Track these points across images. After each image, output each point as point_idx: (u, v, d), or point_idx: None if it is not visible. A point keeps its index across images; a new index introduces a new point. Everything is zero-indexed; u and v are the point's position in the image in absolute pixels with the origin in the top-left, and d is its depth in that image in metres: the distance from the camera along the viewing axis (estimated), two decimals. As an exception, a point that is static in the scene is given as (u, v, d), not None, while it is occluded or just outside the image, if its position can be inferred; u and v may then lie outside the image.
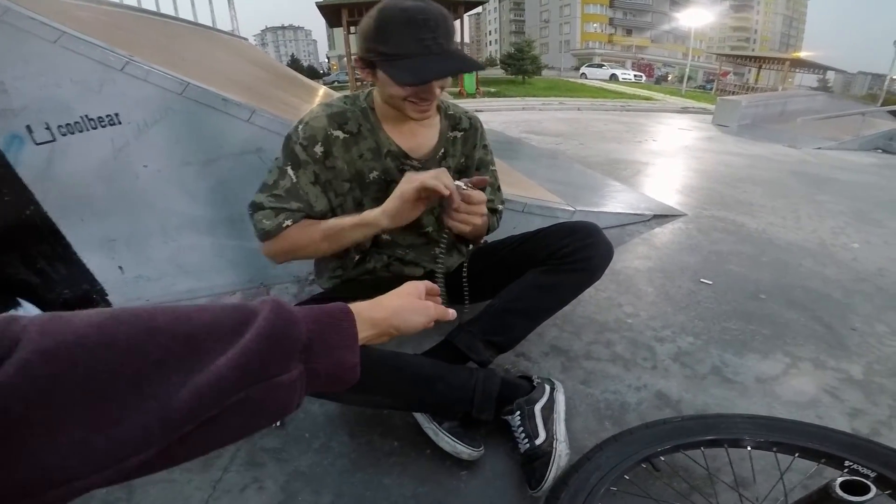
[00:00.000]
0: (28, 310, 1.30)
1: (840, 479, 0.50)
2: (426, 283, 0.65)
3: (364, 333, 0.52)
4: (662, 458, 0.78)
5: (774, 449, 0.77)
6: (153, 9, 2.39)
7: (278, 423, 0.98)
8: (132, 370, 0.30)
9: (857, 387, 1.12)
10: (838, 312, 1.45)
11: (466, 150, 1.03)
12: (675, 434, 0.78)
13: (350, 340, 0.46)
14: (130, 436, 0.29)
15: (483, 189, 0.83)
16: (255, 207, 0.91)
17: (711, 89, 22.59)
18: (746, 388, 1.10)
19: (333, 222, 0.88)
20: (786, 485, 0.73)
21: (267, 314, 0.38)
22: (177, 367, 0.32)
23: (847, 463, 0.72)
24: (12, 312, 1.26)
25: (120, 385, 0.29)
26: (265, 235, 0.90)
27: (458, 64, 0.80)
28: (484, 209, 0.83)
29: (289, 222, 0.88)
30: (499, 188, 1.13)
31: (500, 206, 1.11)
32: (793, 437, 0.77)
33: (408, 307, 0.60)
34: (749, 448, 0.78)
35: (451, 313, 0.64)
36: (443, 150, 0.99)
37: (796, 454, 0.76)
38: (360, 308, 0.52)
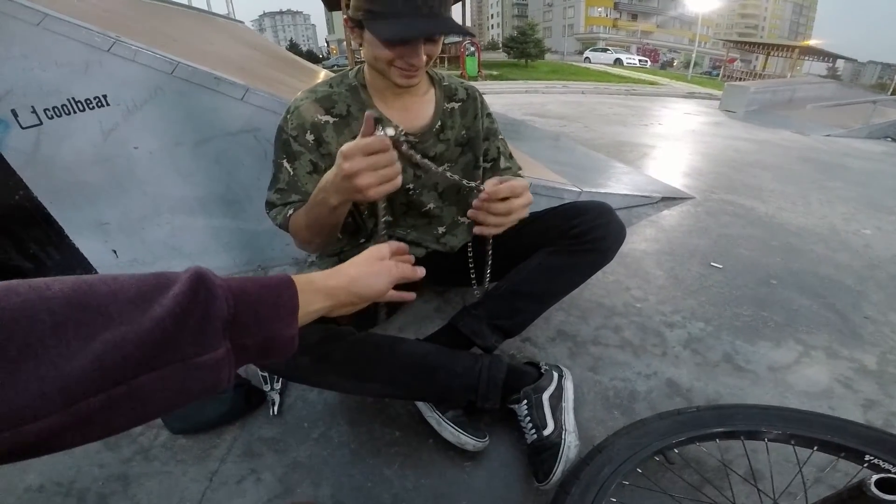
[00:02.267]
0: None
1: (875, 477, 0.47)
2: (390, 244, 0.62)
3: (317, 305, 0.49)
4: (676, 451, 0.75)
5: (792, 441, 0.74)
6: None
7: (273, 411, 0.96)
8: (23, 335, 0.29)
9: (870, 377, 1.09)
10: (851, 300, 1.41)
11: (467, 121, 0.98)
12: (689, 425, 0.75)
13: (286, 312, 0.44)
14: (25, 401, 0.28)
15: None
16: (269, 206, 0.90)
17: (717, 75, 22.21)
18: (758, 376, 1.07)
19: (310, 202, 0.80)
20: (804, 478, 0.70)
21: (179, 290, 0.36)
22: (75, 333, 0.31)
23: (867, 457, 0.69)
24: None
25: (11, 350, 0.29)
26: (281, 228, 0.89)
27: (448, 26, 0.74)
28: (527, 198, 0.77)
29: (290, 211, 0.86)
30: (510, 155, 1.08)
31: (520, 172, 1.06)
32: (812, 429, 0.74)
33: (367, 272, 0.56)
34: (766, 440, 0.74)
35: (419, 271, 0.61)
36: (440, 123, 0.94)
37: (815, 447, 0.73)
38: (313, 278, 0.50)
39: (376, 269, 0.57)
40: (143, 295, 0.35)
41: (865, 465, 0.69)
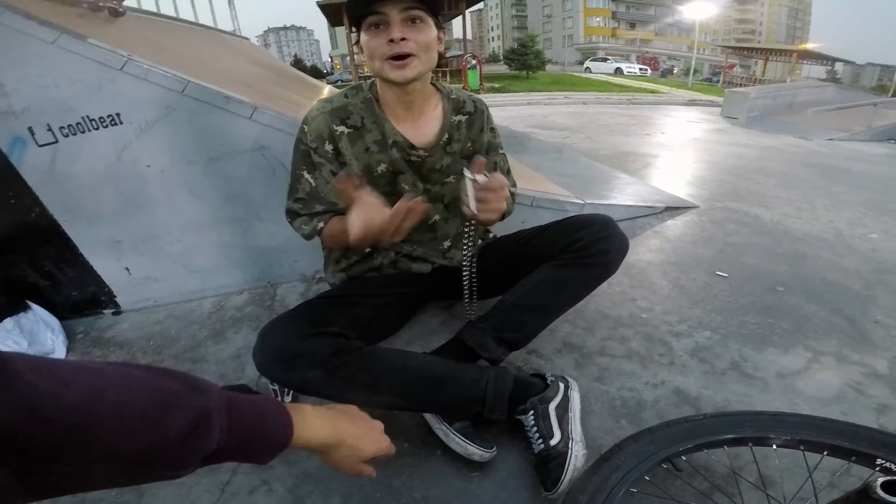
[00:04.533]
0: (37, 312, 1.30)
1: (881, 480, 0.47)
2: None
3: (302, 443, 0.54)
4: (684, 458, 0.75)
5: (802, 447, 0.73)
6: (153, 9, 2.39)
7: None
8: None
9: (882, 382, 1.08)
10: (860, 305, 1.40)
11: (473, 133, 1.00)
12: (697, 433, 0.75)
13: (270, 450, 0.49)
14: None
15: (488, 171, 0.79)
16: (292, 215, 0.95)
17: (718, 82, 22.30)
18: (767, 383, 1.07)
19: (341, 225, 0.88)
20: (815, 483, 0.69)
21: (181, 423, 0.40)
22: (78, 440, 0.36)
23: (879, 461, 0.68)
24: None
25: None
26: (307, 239, 0.94)
27: None
28: (507, 192, 0.81)
29: (321, 224, 0.91)
30: (509, 171, 1.10)
31: (514, 189, 1.09)
32: (821, 434, 0.73)
33: (358, 433, 0.62)
34: (775, 446, 0.74)
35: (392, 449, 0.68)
36: (447, 136, 0.96)
37: (825, 452, 0.72)
38: (310, 425, 0.55)
39: (366, 432, 0.63)
40: (146, 417, 0.38)
41: (877, 468, 0.68)
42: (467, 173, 0.76)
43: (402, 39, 0.79)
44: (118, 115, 1.21)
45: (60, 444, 0.34)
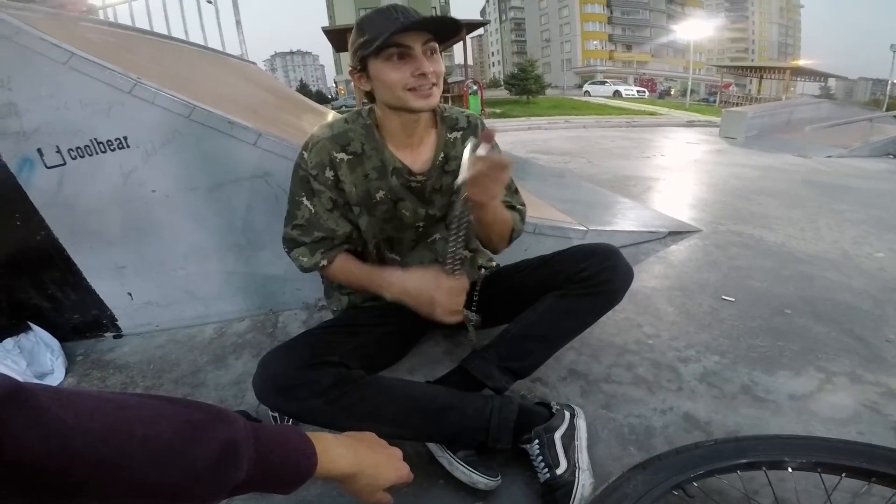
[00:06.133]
0: (39, 334, 1.29)
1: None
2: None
3: (323, 475, 0.53)
4: (696, 484, 0.73)
5: (819, 469, 0.71)
6: (163, 32, 2.45)
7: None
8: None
9: (899, 401, 1.05)
10: (870, 324, 1.38)
11: None
12: (708, 458, 0.73)
13: (298, 479, 0.49)
14: None
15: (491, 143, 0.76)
16: (290, 244, 0.94)
17: (715, 102, 22.62)
18: (780, 406, 1.04)
19: (358, 273, 0.93)
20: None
21: (209, 454, 0.39)
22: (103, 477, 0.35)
23: (901, 480, 0.66)
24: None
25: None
26: (305, 271, 0.95)
27: (433, 22, 0.79)
28: (507, 177, 0.79)
29: (324, 261, 0.92)
30: (516, 190, 1.09)
31: (522, 207, 1.06)
32: (837, 456, 0.71)
33: (377, 462, 0.62)
34: (790, 469, 0.72)
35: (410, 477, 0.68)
36: (443, 155, 0.96)
37: (843, 474, 0.70)
38: (333, 458, 0.55)
39: (385, 460, 0.63)
40: (175, 449, 0.38)
41: None
42: (472, 140, 0.75)
43: (431, 72, 0.81)
44: (125, 138, 1.21)
45: (86, 479, 0.33)
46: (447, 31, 0.83)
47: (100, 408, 0.35)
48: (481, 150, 0.72)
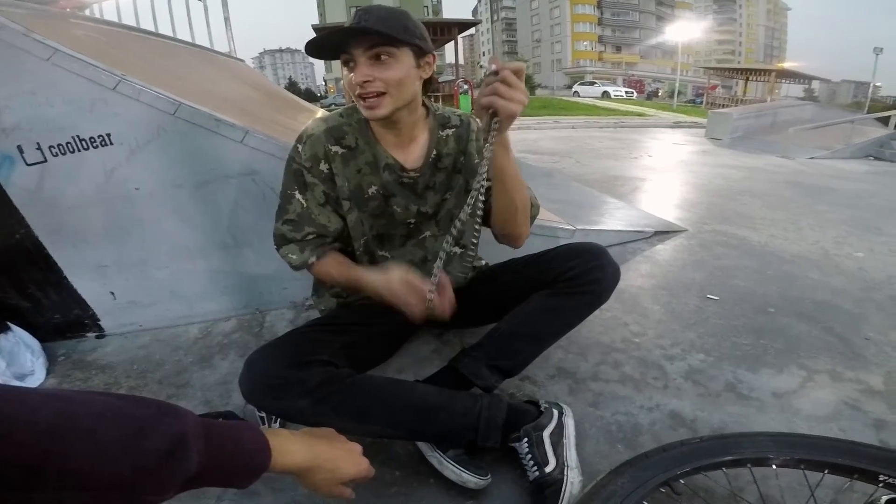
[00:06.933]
0: (19, 334, 1.26)
1: (886, 497, 0.46)
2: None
3: (279, 467, 0.54)
4: (682, 481, 0.74)
5: (802, 466, 0.73)
6: (151, 28, 2.41)
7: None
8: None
9: (878, 397, 1.08)
10: (850, 323, 1.41)
11: (461, 146, 0.99)
12: (694, 455, 0.74)
13: (252, 473, 0.50)
14: None
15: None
16: (280, 240, 0.93)
17: (701, 103, 22.95)
18: (763, 403, 1.06)
19: (348, 275, 0.91)
20: (817, 502, 0.68)
21: (157, 447, 0.40)
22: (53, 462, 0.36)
23: (882, 477, 0.68)
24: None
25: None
26: (295, 269, 0.93)
27: (369, 31, 0.75)
28: (523, 80, 0.74)
29: (313, 259, 0.91)
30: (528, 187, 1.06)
31: (529, 193, 1.03)
32: (820, 453, 0.73)
33: (335, 455, 0.63)
34: (774, 466, 0.73)
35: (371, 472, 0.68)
36: (434, 153, 0.96)
37: (826, 470, 0.71)
38: (288, 449, 0.56)
39: (343, 454, 0.64)
40: (121, 442, 0.39)
41: (881, 484, 0.67)
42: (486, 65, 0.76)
43: (366, 81, 0.78)
44: (109, 135, 1.19)
45: (36, 470, 0.34)
46: (388, 36, 0.77)
47: (46, 403, 0.36)
48: (494, 65, 0.73)
